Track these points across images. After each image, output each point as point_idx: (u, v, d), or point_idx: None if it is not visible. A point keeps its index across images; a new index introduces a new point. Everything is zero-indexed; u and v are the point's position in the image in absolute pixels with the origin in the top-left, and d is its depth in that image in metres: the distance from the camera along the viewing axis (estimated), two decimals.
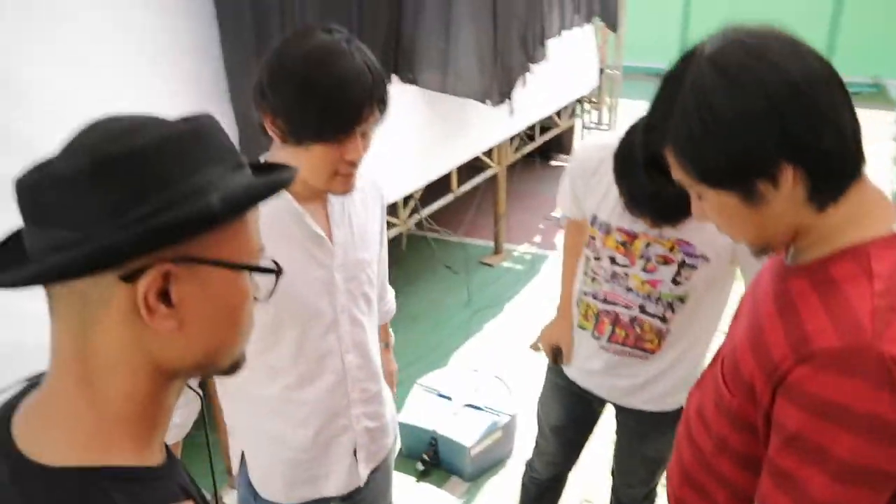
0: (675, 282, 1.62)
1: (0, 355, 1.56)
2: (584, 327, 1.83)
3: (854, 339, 0.81)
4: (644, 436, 1.90)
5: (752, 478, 0.96)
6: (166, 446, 0.73)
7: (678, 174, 0.93)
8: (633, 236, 1.64)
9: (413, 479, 2.85)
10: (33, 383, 0.70)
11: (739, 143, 0.84)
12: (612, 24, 6.04)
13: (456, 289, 4.45)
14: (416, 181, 3.59)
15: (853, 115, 0.87)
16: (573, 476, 2.20)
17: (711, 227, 1.51)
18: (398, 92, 3.16)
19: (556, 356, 1.96)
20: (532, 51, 4.18)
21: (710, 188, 0.91)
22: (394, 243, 3.60)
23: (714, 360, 1.13)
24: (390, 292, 1.83)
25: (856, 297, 0.84)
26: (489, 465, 2.89)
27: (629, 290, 1.69)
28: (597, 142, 1.76)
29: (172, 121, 0.65)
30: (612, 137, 1.64)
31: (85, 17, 1.84)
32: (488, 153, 4.49)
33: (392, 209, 3.58)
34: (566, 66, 5.24)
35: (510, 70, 3.83)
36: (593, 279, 1.76)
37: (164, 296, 0.62)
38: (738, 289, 1.67)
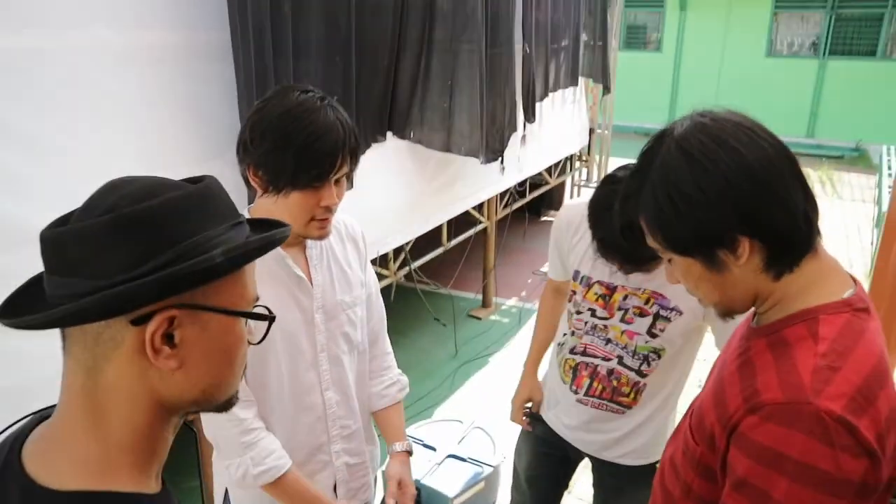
0: (651, 333, 1.70)
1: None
2: (563, 381, 1.88)
3: (795, 394, 0.89)
4: (620, 490, 1.93)
5: None
6: (162, 478, 0.80)
7: (650, 240, 1.03)
8: (612, 289, 1.73)
9: None
10: (43, 416, 0.77)
11: (701, 218, 0.94)
12: (606, 86, 6.26)
13: (444, 341, 4.51)
14: (407, 234, 3.69)
15: (807, 194, 0.96)
16: None
17: None
18: (392, 147, 3.28)
19: (532, 417, 2.02)
20: (525, 111, 4.34)
21: (677, 255, 1.01)
22: (383, 294, 3.66)
23: (686, 413, 1.21)
24: (396, 372, 1.74)
25: (801, 357, 0.92)
26: None
27: (608, 341, 1.76)
28: (579, 202, 1.86)
29: (181, 183, 0.73)
30: (578, 199, 1.79)
31: (116, 85, 2.00)
32: (479, 208, 4.61)
33: (383, 261, 3.66)
34: (558, 126, 5.42)
35: (502, 129, 3.97)
36: (573, 333, 1.83)
37: (169, 338, 0.69)
38: (708, 343, 1.75)
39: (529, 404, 2.08)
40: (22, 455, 0.72)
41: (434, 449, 3.03)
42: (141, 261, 0.66)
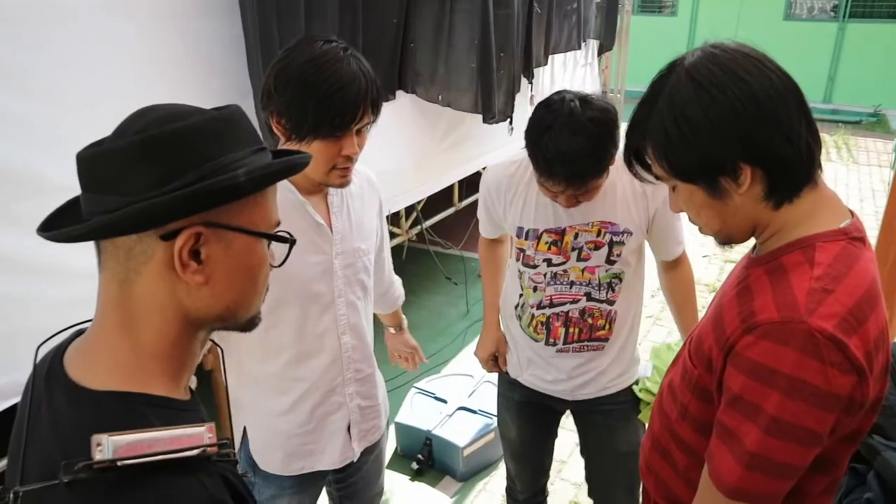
0: (609, 262, 1.74)
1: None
2: (536, 340, 1.87)
3: (789, 314, 0.93)
4: (613, 429, 1.95)
5: (707, 442, 1.08)
6: (191, 389, 0.85)
7: (655, 168, 1.06)
8: (561, 233, 1.73)
9: (407, 477, 2.95)
10: (80, 330, 0.83)
11: (706, 145, 0.97)
12: (608, 45, 6.22)
13: (456, 300, 4.57)
14: (419, 193, 3.72)
15: (811, 127, 0.99)
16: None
17: (627, 202, 1.68)
18: (403, 105, 3.30)
19: (508, 384, 2.03)
20: (525, 71, 4.32)
21: (681, 182, 1.04)
22: (395, 253, 3.70)
23: (686, 340, 1.26)
24: (397, 281, 1.98)
25: (797, 280, 0.97)
26: (481, 466, 2.99)
27: (572, 284, 1.77)
28: (498, 163, 1.86)
29: (207, 109, 0.78)
30: (509, 157, 1.81)
31: (119, 39, 2.01)
32: None
33: (394, 219, 3.70)
34: (569, 88, 5.39)
35: (511, 90, 3.97)
36: (534, 289, 1.82)
37: (196, 254, 0.74)
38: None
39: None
40: (63, 362, 0.78)
41: (445, 401, 3.11)
42: (168, 179, 0.71)
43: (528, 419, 2.04)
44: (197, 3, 2.23)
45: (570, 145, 1.46)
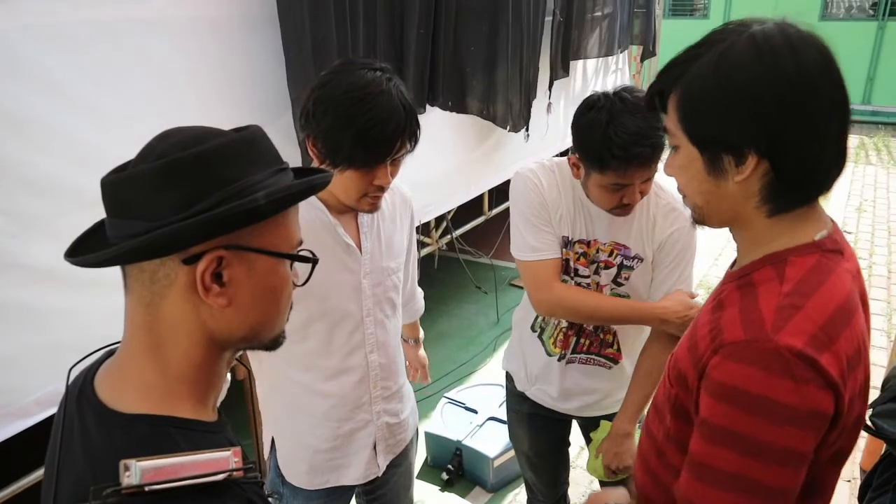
0: (616, 283, 1.74)
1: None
2: (552, 354, 1.86)
3: (755, 332, 0.89)
4: None
5: None
6: (219, 410, 0.86)
7: (670, 117, 1.01)
8: (588, 245, 1.73)
9: (437, 488, 2.94)
10: (111, 350, 0.84)
11: (728, 116, 0.92)
12: (649, 49, 6.16)
13: (486, 309, 4.56)
14: (449, 202, 3.72)
15: (840, 152, 0.94)
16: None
17: (641, 229, 1.67)
18: (432, 116, 3.31)
19: (516, 396, 2.01)
20: (551, 81, 4.32)
21: (687, 140, 0.99)
22: (426, 262, 3.71)
23: (669, 358, 1.22)
24: (419, 293, 1.98)
25: (765, 296, 0.93)
26: (511, 477, 2.96)
27: None
28: (524, 172, 1.74)
29: (228, 131, 0.78)
30: (530, 164, 1.74)
31: (164, 56, 2.06)
32: None
33: (425, 229, 3.71)
34: None
35: (527, 98, 3.96)
36: None
37: (218, 277, 0.75)
38: None
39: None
40: (94, 383, 0.79)
41: (475, 412, 3.10)
42: (190, 203, 0.71)
43: (538, 431, 2.04)
44: (237, 18, 2.27)
45: (638, 125, 1.48)
